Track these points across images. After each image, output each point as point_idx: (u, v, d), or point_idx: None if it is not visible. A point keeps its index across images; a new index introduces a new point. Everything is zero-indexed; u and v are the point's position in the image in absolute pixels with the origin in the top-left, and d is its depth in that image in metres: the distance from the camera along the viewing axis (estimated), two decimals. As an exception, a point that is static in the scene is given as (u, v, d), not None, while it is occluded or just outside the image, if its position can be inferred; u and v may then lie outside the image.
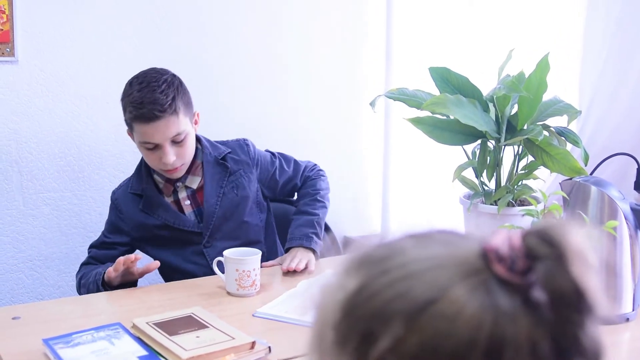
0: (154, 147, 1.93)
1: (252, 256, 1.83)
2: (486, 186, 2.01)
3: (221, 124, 2.59)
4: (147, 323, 1.57)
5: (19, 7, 2.36)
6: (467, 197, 2.00)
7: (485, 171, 1.99)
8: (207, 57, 2.66)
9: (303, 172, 2.24)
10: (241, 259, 1.81)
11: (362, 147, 2.99)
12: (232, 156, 2.10)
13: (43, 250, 2.52)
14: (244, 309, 1.74)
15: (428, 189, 2.86)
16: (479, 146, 1.99)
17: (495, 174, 1.98)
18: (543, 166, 1.92)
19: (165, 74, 1.96)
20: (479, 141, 1.98)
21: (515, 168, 1.99)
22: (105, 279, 1.88)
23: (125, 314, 1.68)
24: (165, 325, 1.57)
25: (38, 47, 2.42)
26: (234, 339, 1.50)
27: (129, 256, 1.87)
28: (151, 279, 2.11)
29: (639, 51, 2.73)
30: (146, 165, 2.05)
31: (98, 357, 1.45)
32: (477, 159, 1.99)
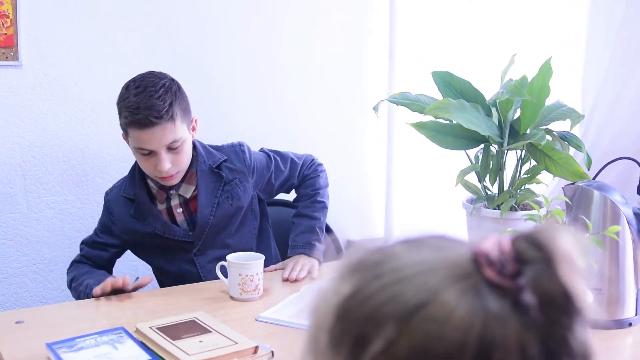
0: (149, 154, 1.89)
1: (255, 260, 1.83)
2: (489, 190, 2.01)
3: (223, 130, 2.59)
4: (151, 327, 1.58)
5: (23, 11, 2.37)
6: (469, 201, 2.00)
7: (488, 175, 1.99)
8: (211, 64, 2.66)
9: (300, 170, 2.17)
10: (244, 264, 1.81)
11: (365, 151, 2.99)
12: (227, 165, 2.04)
13: (47, 254, 2.53)
14: (247, 313, 1.75)
15: (431, 193, 2.86)
16: (482, 150, 1.99)
17: (498, 178, 1.98)
18: (546, 170, 1.92)
19: (164, 78, 1.90)
20: (481, 145, 1.98)
21: (518, 172, 1.99)
22: (93, 294, 1.85)
23: (129, 318, 1.69)
24: (168, 329, 1.57)
25: (42, 52, 2.42)
26: (236, 343, 1.51)
27: (117, 280, 1.83)
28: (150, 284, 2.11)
29: (642, 55, 2.73)
30: (140, 169, 2.00)
31: (101, 362, 1.46)
32: (479, 163, 1.99)
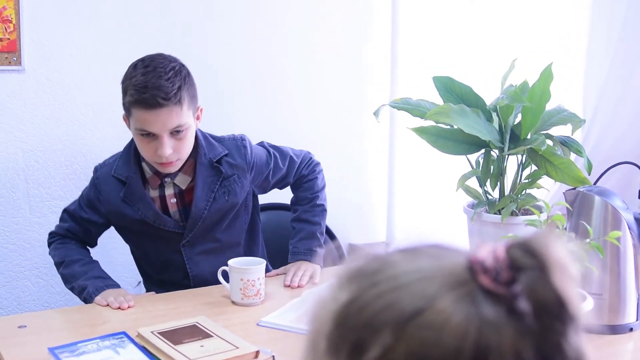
0: (150, 136, 1.82)
1: (257, 265, 1.84)
2: (490, 195, 2.01)
3: (224, 132, 2.59)
4: (152, 332, 1.58)
5: (26, 16, 2.38)
6: (470, 206, 2.00)
7: (488, 180, 1.99)
8: (215, 68, 2.66)
9: (298, 168, 2.14)
10: (246, 269, 1.82)
11: (367, 156, 2.99)
12: (228, 160, 1.97)
13: (49, 258, 2.51)
14: (248, 318, 1.75)
15: (432, 198, 2.86)
16: (483, 155, 1.99)
17: (499, 183, 1.99)
18: (546, 175, 1.93)
19: (174, 61, 1.85)
20: (482, 150, 1.98)
21: (519, 177, 2.00)
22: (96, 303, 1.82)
23: (131, 323, 1.69)
24: (169, 334, 1.58)
25: (44, 56, 2.43)
26: (238, 348, 1.51)
27: (123, 304, 1.79)
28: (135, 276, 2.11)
29: (643, 60, 2.73)
30: (136, 150, 1.92)
31: (103, 366, 1.47)
32: (480, 168, 2.00)
